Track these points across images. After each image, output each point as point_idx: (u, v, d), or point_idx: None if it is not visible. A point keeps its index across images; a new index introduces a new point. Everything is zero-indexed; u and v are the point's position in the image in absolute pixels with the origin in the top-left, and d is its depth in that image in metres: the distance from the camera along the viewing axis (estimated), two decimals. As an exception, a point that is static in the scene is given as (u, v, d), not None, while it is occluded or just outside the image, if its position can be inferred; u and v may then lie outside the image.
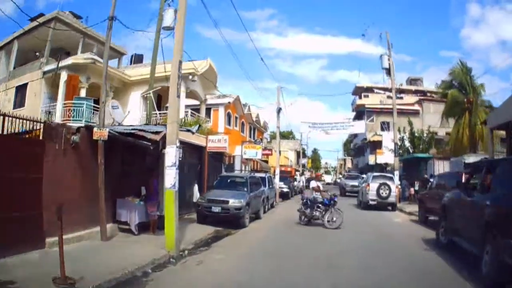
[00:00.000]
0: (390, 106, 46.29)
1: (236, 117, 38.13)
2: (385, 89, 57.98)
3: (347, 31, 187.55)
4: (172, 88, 11.20)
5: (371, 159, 45.30)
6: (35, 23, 21.43)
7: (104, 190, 11.47)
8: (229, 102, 34.92)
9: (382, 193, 22.59)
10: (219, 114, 34.61)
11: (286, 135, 77.54)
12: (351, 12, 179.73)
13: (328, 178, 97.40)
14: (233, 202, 15.76)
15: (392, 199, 22.90)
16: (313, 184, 17.77)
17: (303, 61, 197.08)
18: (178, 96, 11.22)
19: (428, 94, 55.61)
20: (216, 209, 15.72)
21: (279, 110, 33.12)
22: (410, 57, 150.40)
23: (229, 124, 36.20)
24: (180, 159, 19.29)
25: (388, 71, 29.31)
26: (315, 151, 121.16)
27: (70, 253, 8.00)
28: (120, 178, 12.75)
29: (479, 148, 27.59)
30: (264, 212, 20.59)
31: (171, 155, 11.02)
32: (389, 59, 29.09)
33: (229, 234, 14.45)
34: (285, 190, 33.52)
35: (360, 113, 52.91)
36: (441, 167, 25.97)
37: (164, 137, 11.55)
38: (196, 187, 19.33)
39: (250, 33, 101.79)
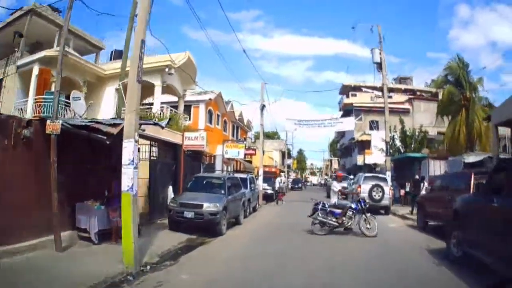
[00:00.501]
0: (379, 105, 44.83)
1: (218, 115, 36.14)
2: (373, 88, 56.54)
3: (334, 32, 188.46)
4: (132, 70, 9.42)
5: (359, 160, 43.49)
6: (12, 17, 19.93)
7: (61, 192, 9.98)
8: (210, 99, 32.89)
9: (375, 195, 20.68)
10: (200, 111, 32.62)
11: (271, 136, 75.70)
12: (338, 13, 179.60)
13: (314, 179, 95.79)
14: (207, 207, 13.79)
15: (385, 202, 20.99)
16: (336, 186, 16.44)
17: (289, 62, 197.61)
18: (139, 82, 9.38)
19: (418, 93, 54.19)
20: (188, 214, 13.73)
21: (262, 107, 31.17)
22: (398, 58, 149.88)
23: (210, 122, 34.19)
24: (155, 157, 17.73)
25: (380, 66, 27.56)
26: (300, 152, 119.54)
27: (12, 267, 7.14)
28: (81, 178, 11.11)
29: (477, 147, 25.93)
30: (245, 216, 18.68)
31: (128, 151, 9.14)
32: (380, 53, 27.39)
33: (204, 243, 12.62)
34: (269, 191, 31.61)
35: (348, 112, 51.08)
36: (437, 167, 24.25)
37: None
38: (170, 189, 17.35)
39: (236, 34, 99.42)
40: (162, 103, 26.31)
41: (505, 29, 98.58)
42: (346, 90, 60.94)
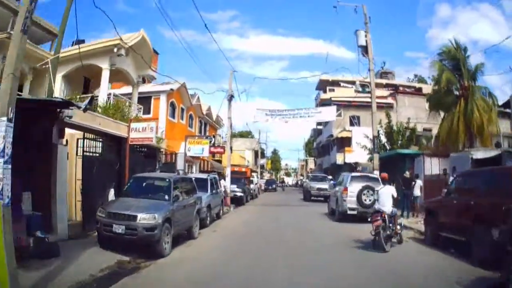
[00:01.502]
0: (360, 99, 41.30)
1: (182, 109, 32.03)
2: (353, 83, 53.08)
3: (309, 33, 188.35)
4: (20, 17, 6.43)
5: (339, 158, 39.73)
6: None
7: None
8: (171, 89, 28.73)
9: (365, 199, 16.79)
10: (161, 104, 28.54)
11: (245, 135, 71.66)
12: (314, 13, 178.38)
13: (289, 180, 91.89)
14: (143, 219, 9.83)
15: (379, 207, 17.19)
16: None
17: (265, 63, 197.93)
18: (24, 32, 6.35)
19: (401, 88, 50.85)
20: (118, 228, 9.83)
21: (230, 98, 27.22)
22: (376, 57, 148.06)
23: (173, 116, 30.13)
24: (92, 153, 13.43)
25: (365, 49, 23.80)
26: (275, 152, 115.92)
27: None
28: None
29: (477, 141, 22.47)
30: (204, 226, 14.82)
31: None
32: (366, 35, 23.66)
33: (137, 268, 8.93)
34: (239, 194, 27.71)
35: (326, 105, 47.41)
36: (434, 165, 20.73)
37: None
38: (111, 193, 13.60)
39: (211, 34, 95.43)
40: (122, 95, 23.03)
41: (486, 28, 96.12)
42: (323, 85, 57.38)
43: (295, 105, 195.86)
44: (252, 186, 35.08)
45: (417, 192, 19.05)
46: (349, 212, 17.39)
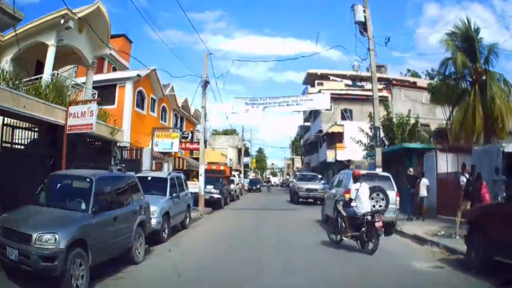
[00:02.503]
0: (353, 92, 37.78)
1: (153, 99, 28.03)
2: (343, 76, 49.63)
3: (296, 33, 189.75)
4: None
5: (329, 156, 35.90)
6: None
7: None
8: (139, 76, 24.57)
9: (374, 204, 12.89)
10: (126, 92, 24.43)
11: (230, 133, 67.57)
12: (301, 13, 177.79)
13: (275, 180, 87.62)
14: (38, 240, 6.24)
15: (390, 214, 13.34)
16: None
17: (251, 63, 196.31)
18: None
19: (394, 82, 47.32)
20: (12, 253, 6.32)
21: (205, 84, 23.17)
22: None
23: (141, 107, 26.17)
24: (12, 143, 11.30)
25: (364, 26, 20.06)
26: (260, 151, 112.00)
27: None
28: None
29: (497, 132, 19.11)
30: (159, 242, 11.07)
31: None
32: (364, 10, 19.95)
33: None
34: (216, 196, 23.78)
35: None
36: (450, 161, 17.13)
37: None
38: None
39: (197, 35, 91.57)
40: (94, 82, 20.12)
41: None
42: (311, 78, 53.60)
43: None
44: (232, 186, 31.30)
45: (423, 192, 16.35)
46: (352, 220, 13.57)
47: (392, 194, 13.50)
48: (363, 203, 10.64)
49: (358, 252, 10.32)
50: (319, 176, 31.05)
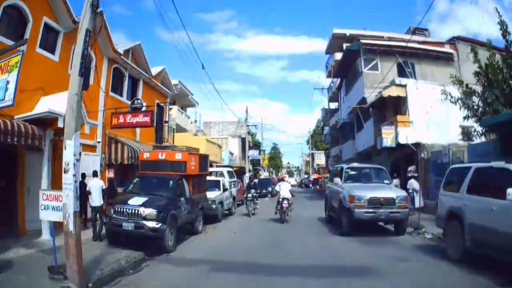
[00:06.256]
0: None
1: (52, 29, 14.47)
2: (379, 38, 35.09)
3: (308, 31, 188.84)
4: None
5: (386, 137, 20.40)
6: None
7: None
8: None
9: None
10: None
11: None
12: (312, 11, 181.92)
13: (291, 180, 72.50)
14: None
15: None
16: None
17: (263, 62, 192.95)
18: None
19: (461, 37, 32.73)
20: None
21: None
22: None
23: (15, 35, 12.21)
24: None
25: None
26: (275, 147, 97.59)
27: None
28: None
29: None
30: None
31: None
32: None
33: None
34: (148, 225, 10.12)
35: (351, 57, 29.12)
36: None
37: None
38: None
39: (208, 36, 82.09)
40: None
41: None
42: (337, 43, 39.36)
43: (296, 105, 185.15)
44: (215, 195, 17.33)
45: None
46: None
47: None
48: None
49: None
50: (384, 169, 15.97)
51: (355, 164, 16.24)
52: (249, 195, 20.40)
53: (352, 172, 15.06)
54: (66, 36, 14.87)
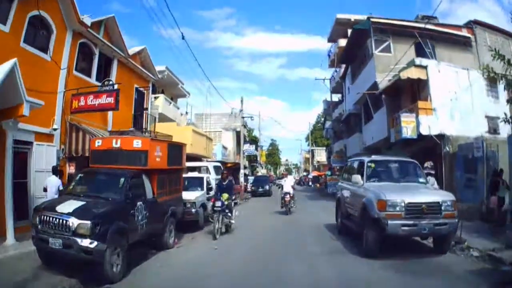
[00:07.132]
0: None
1: None
2: (391, 25, 31.99)
3: (307, 29, 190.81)
4: None
5: (406, 126, 17.20)
6: None
7: None
8: None
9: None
10: None
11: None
12: (311, 9, 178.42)
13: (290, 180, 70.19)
14: None
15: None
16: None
17: (262, 60, 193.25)
18: None
19: (478, 21, 29.59)
20: None
21: None
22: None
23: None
24: None
25: None
26: (273, 144, 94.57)
27: None
28: None
29: None
30: None
31: None
32: None
33: None
34: (81, 244, 7.01)
35: (359, 38, 25.78)
36: None
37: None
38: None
39: (207, 33, 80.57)
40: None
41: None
42: (341, 30, 36.27)
43: (295, 102, 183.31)
44: (200, 195, 14.18)
45: None
46: None
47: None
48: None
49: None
50: (417, 163, 11.80)
51: (379, 157, 12.12)
52: (218, 204, 12.96)
53: (378, 168, 10.98)
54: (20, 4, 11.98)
